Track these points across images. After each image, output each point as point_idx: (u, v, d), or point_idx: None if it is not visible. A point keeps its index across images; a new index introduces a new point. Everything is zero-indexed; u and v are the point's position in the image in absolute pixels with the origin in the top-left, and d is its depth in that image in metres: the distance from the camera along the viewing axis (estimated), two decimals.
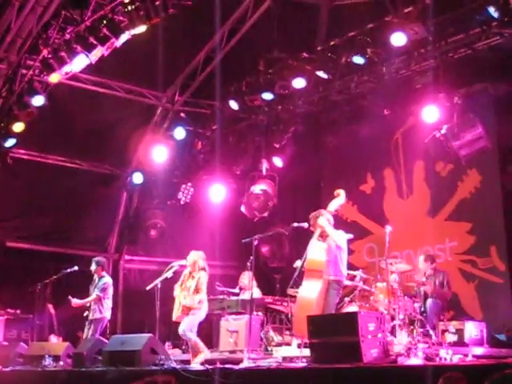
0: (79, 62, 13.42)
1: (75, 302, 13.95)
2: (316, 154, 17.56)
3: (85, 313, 14.00)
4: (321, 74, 14.64)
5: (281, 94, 15.47)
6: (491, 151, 13.66)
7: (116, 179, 18.57)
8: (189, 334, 11.86)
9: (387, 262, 12.15)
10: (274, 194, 16.69)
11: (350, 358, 8.93)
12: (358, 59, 13.88)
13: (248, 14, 15.69)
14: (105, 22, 12.88)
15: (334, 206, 11.47)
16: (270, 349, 13.29)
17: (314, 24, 15.19)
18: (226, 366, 10.52)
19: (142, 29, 12.77)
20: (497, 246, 14.21)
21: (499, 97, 13.59)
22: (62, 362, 12.85)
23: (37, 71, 14.29)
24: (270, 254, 18.14)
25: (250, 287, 12.95)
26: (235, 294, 14.90)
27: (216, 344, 13.94)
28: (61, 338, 15.54)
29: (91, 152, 17.74)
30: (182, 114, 17.68)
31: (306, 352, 10.18)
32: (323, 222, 11.15)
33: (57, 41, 13.54)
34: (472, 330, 11.99)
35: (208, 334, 14.27)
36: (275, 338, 13.82)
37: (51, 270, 15.99)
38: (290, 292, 12.57)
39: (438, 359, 9.26)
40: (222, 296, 14.68)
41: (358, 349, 8.97)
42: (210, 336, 14.39)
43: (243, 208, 16.91)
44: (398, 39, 12.94)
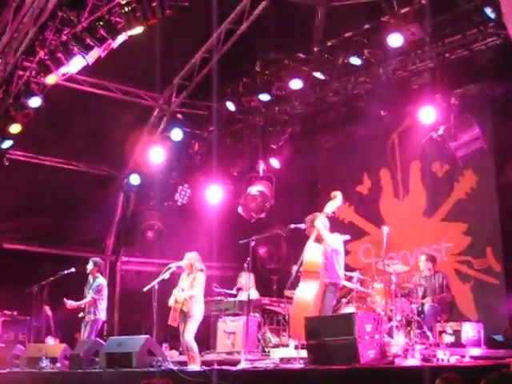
0: (76, 64, 13.41)
1: (70, 304, 13.93)
2: (313, 154, 17.56)
3: (80, 314, 14.01)
4: (317, 74, 14.67)
5: (278, 95, 15.51)
6: (487, 152, 13.65)
7: (113, 181, 18.54)
8: (193, 343, 11.68)
9: (384, 263, 12.14)
10: (271, 195, 16.69)
11: (347, 359, 8.94)
12: (355, 60, 13.93)
13: (245, 14, 15.66)
14: (101, 23, 12.86)
15: (331, 208, 11.45)
16: (267, 350, 13.30)
17: (310, 25, 15.16)
18: (223, 367, 10.57)
19: (138, 30, 12.76)
20: (492, 246, 14.20)
21: (495, 97, 13.59)
22: (59, 364, 12.85)
23: (33, 72, 14.25)
24: (267, 255, 18.14)
25: (247, 288, 12.94)
26: (232, 295, 14.89)
27: (213, 345, 13.95)
28: (58, 340, 15.52)
29: (88, 153, 17.72)
30: (178, 116, 17.68)
31: (303, 353, 10.19)
32: (319, 224, 11.13)
33: (53, 42, 13.50)
34: (469, 331, 11.98)
35: (205, 335, 14.25)
36: (272, 340, 13.82)
37: (48, 271, 15.93)
38: (287, 293, 12.54)
39: (435, 360, 9.26)
40: (219, 297, 14.67)
41: (355, 350, 8.98)
42: (208, 337, 14.39)
43: (240, 209, 16.92)
44: (395, 40, 12.96)
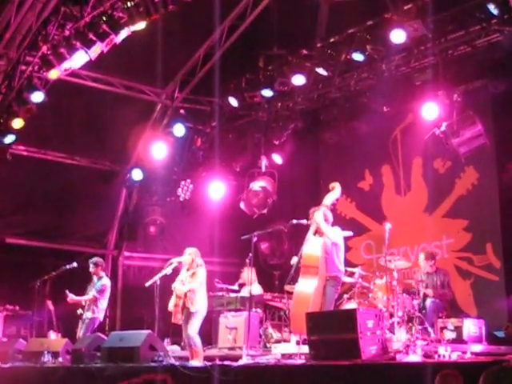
0: (79, 59, 13.38)
1: (71, 298, 13.97)
2: (315, 150, 17.58)
3: (78, 310, 14.04)
4: (320, 70, 14.66)
5: (280, 91, 15.50)
6: (488, 148, 13.64)
7: (115, 176, 18.55)
8: (197, 339, 11.72)
9: (386, 259, 12.16)
10: (273, 190, 16.69)
11: (349, 355, 8.93)
12: (358, 56, 13.91)
13: (248, 10, 15.65)
14: (104, 18, 12.83)
15: (330, 200, 11.44)
16: (268, 345, 13.33)
17: (313, 21, 15.16)
18: (225, 362, 10.55)
19: (141, 25, 12.74)
20: (493, 243, 14.22)
21: (498, 94, 13.57)
22: (60, 359, 12.86)
23: (36, 67, 14.24)
24: (269, 251, 18.14)
25: (249, 283, 12.94)
26: (234, 290, 14.91)
27: (215, 341, 13.97)
28: (60, 335, 15.53)
29: (91, 148, 17.74)
30: (181, 111, 17.66)
31: (305, 349, 10.20)
32: (319, 218, 11.11)
33: (56, 37, 13.50)
34: (471, 327, 11.96)
35: (207, 330, 14.25)
36: (274, 335, 13.84)
37: (50, 266, 15.96)
38: (287, 288, 12.56)
39: (436, 356, 9.26)
40: (220, 293, 14.70)
41: (356, 346, 8.97)
42: (209, 333, 14.39)
43: (242, 205, 16.92)
44: (398, 36, 12.95)
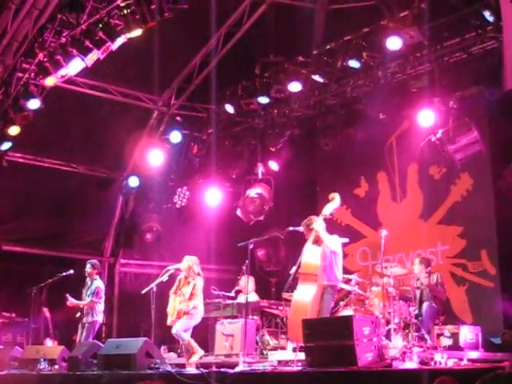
0: (75, 66, 13.39)
1: (71, 301, 14.00)
2: (312, 157, 17.60)
3: (77, 314, 14.04)
4: (316, 77, 14.68)
5: (277, 98, 15.53)
6: (484, 155, 13.66)
7: (112, 183, 18.56)
8: (182, 333, 11.87)
9: (382, 265, 12.17)
10: (269, 197, 16.70)
11: (345, 362, 8.92)
12: (354, 63, 13.93)
13: (244, 17, 15.71)
14: (101, 25, 12.87)
15: (329, 210, 11.44)
16: (265, 352, 13.30)
17: (309, 28, 15.18)
18: (222, 369, 10.53)
19: (137, 32, 12.76)
20: (488, 249, 14.24)
21: (494, 101, 13.60)
22: (57, 366, 12.85)
23: (32, 74, 14.28)
24: (265, 258, 18.15)
25: (246, 291, 12.94)
26: (231, 297, 14.90)
27: (211, 348, 13.94)
28: (56, 342, 15.54)
29: (87, 155, 17.75)
30: (177, 118, 17.67)
31: (301, 356, 10.18)
32: (318, 226, 11.12)
33: (53, 44, 13.53)
34: (467, 333, 11.99)
35: (203, 337, 14.26)
36: (271, 342, 13.82)
37: (46, 273, 15.97)
38: (285, 296, 12.55)
39: (432, 363, 9.27)
40: (217, 300, 14.67)
41: (352, 352, 8.96)
42: (206, 340, 14.38)
43: (239, 212, 16.93)
44: (394, 43, 12.97)
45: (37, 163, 17.26)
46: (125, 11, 12.51)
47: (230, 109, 16.09)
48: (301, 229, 11.58)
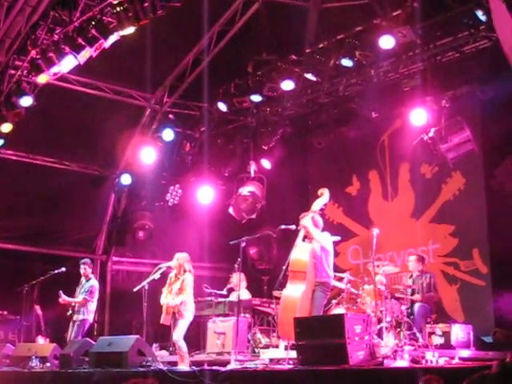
0: (67, 63, 13.37)
1: (63, 299, 14.02)
2: (304, 156, 17.62)
3: (68, 312, 14.04)
4: (309, 76, 14.68)
5: (269, 96, 15.53)
6: (476, 154, 13.68)
7: (104, 180, 18.53)
8: (182, 343, 11.77)
9: (374, 264, 12.18)
10: (262, 195, 16.71)
11: (337, 360, 8.95)
12: (347, 62, 13.94)
13: (237, 16, 15.68)
14: (93, 23, 12.84)
15: (319, 206, 11.45)
16: (257, 351, 13.32)
17: (302, 26, 15.19)
18: (213, 367, 10.57)
19: (130, 30, 12.74)
20: (479, 248, 14.27)
21: (486, 100, 13.62)
22: (48, 364, 12.87)
23: (25, 72, 14.26)
24: (257, 256, 18.15)
25: (238, 289, 12.94)
26: (223, 295, 14.89)
27: (203, 346, 13.95)
28: (48, 339, 15.51)
29: (79, 153, 17.71)
30: (170, 116, 17.67)
31: (293, 354, 10.20)
32: (307, 222, 11.13)
33: (45, 41, 13.51)
34: (459, 332, 12.01)
35: (195, 335, 14.27)
36: (262, 340, 13.83)
37: (38, 271, 15.98)
38: (276, 294, 12.58)
39: (424, 362, 9.30)
40: (209, 298, 14.67)
41: (344, 351, 8.98)
42: (198, 338, 14.39)
43: (231, 210, 16.93)
44: (387, 42, 12.98)
45: (29, 161, 17.22)
46: (118, 9, 12.49)
47: (222, 107, 16.08)
48: (293, 227, 11.59)
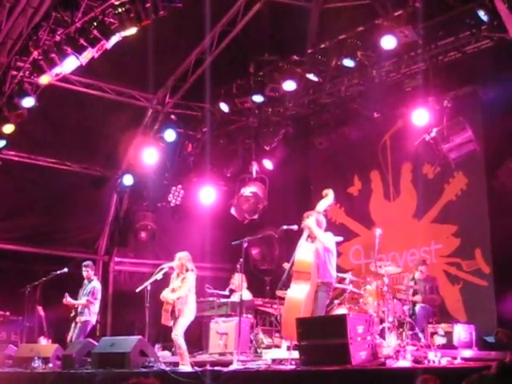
0: (69, 64, 13.37)
1: (68, 300, 14.01)
2: (306, 156, 17.62)
3: (72, 313, 14.05)
4: (311, 76, 14.68)
5: (271, 97, 15.52)
6: (478, 154, 13.66)
7: (106, 181, 18.53)
8: (181, 340, 11.66)
9: (377, 264, 12.19)
10: (264, 196, 16.70)
11: (339, 361, 8.95)
12: (348, 62, 13.93)
13: (239, 16, 15.71)
14: (95, 23, 12.85)
15: (323, 207, 11.47)
16: (259, 351, 13.33)
17: (304, 27, 15.21)
18: (216, 368, 10.57)
19: (132, 31, 12.74)
20: (481, 248, 14.25)
21: (488, 100, 13.63)
22: (51, 364, 12.88)
23: (27, 73, 14.26)
24: (259, 257, 18.15)
25: (240, 289, 12.94)
26: (225, 296, 14.90)
27: (205, 346, 13.96)
28: (50, 340, 15.51)
29: (81, 154, 17.72)
30: (172, 116, 17.66)
31: (296, 354, 10.20)
32: (311, 223, 11.14)
33: (47, 42, 13.51)
34: (461, 332, 12.03)
35: (198, 336, 14.28)
36: (265, 340, 13.83)
37: (41, 271, 15.96)
38: (279, 294, 12.59)
39: (426, 362, 9.30)
40: (211, 298, 14.68)
41: (346, 351, 8.99)
42: (200, 338, 14.40)
43: (233, 210, 16.93)
44: (388, 42, 12.97)
45: (31, 162, 17.23)
46: (119, 9, 12.51)
47: (224, 107, 16.08)
48: (295, 227, 11.61)
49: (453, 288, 14.61)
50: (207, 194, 17.72)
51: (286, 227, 11.90)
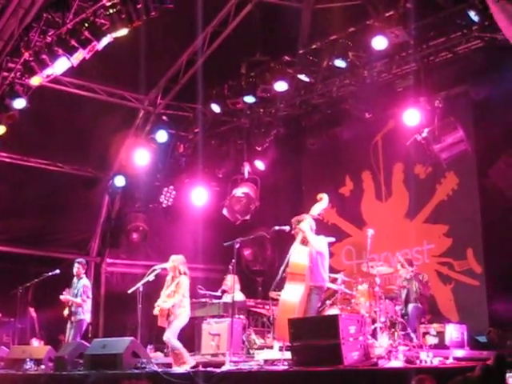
0: (61, 65, 13.34)
1: (65, 297, 13.98)
2: (298, 157, 17.64)
3: (65, 311, 14.02)
4: (302, 77, 14.69)
5: (263, 98, 15.52)
6: (469, 154, 13.68)
7: (98, 182, 18.52)
8: (174, 341, 11.70)
9: (368, 264, 12.20)
10: (255, 196, 16.70)
11: (331, 361, 8.96)
12: (340, 62, 13.94)
13: (230, 17, 15.71)
14: (86, 24, 12.83)
15: (317, 210, 11.48)
16: (251, 352, 13.31)
17: (295, 27, 15.22)
18: (208, 369, 10.56)
19: (123, 32, 12.71)
20: (473, 248, 14.30)
21: (479, 100, 13.67)
22: (43, 366, 12.84)
23: (18, 74, 14.21)
24: (252, 257, 18.17)
25: (232, 290, 12.93)
26: (217, 297, 14.89)
27: (198, 347, 13.93)
28: (42, 342, 15.50)
29: (73, 155, 17.68)
30: (164, 117, 17.65)
31: (288, 355, 10.21)
32: (305, 227, 11.14)
33: (38, 43, 13.48)
34: (453, 332, 12.06)
35: (190, 337, 14.25)
36: (257, 341, 13.82)
37: (33, 273, 15.91)
38: (273, 295, 12.59)
39: (418, 362, 9.31)
40: (204, 299, 14.66)
41: (338, 351, 9.00)
42: (192, 339, 14.37)
43: (225, 211, 16.92)
44: (380, 43, 12.99)
45: (23, 163, 17.21)
46: (111, 10, 12.49)
47: (216, 108, 16.07)
48: (286, 228, 11.62)
49: (445, 288, 14.64)
50: (199, 195, 17.71)
51: (277, 228, 11.90)
